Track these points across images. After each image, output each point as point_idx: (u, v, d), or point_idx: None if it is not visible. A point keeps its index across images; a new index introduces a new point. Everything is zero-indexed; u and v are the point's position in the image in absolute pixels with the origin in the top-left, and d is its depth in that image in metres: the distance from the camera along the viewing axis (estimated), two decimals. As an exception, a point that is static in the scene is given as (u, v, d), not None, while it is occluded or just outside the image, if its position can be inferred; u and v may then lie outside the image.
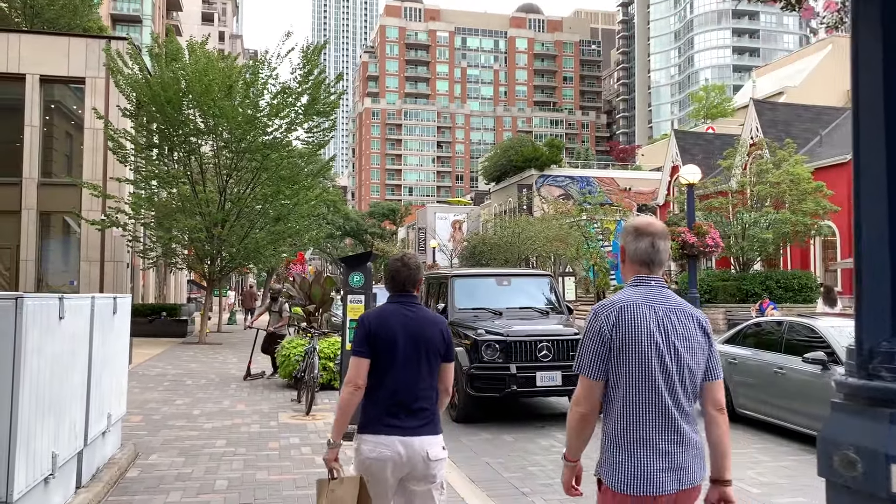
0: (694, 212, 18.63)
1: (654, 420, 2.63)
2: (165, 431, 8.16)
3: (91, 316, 5.41)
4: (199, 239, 20.13)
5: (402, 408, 3.37)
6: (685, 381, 2.68)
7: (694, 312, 2.75)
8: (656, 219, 2.96)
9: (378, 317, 3.47)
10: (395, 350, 3.38)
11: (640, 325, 2.63)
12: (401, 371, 3.38)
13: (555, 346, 9.22)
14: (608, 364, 2.64)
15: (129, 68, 20.24)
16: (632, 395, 2.63)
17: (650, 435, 2.62)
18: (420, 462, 3.34)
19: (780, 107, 31.69)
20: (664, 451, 2.62)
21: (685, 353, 2.67)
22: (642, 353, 2.61)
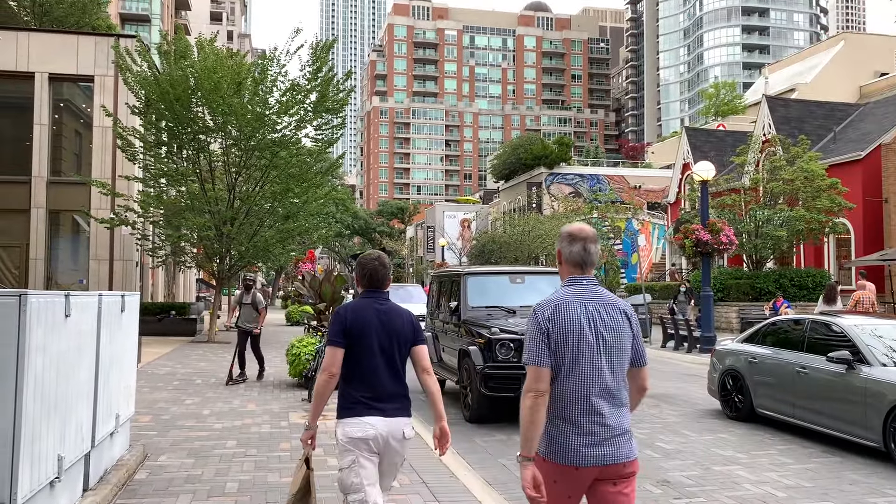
0: (708, 209, 18.39)
1: (582, 402, 2.95)
2: (175, 432, 8.03)
3: (98, 314, 5.26)
4: (208, 237, 20.03)
5: (376, 393, 3.68)
6: (613, 367, 3.01)
7: (620, 305, 3.09)
8: (587, 225, 3.32)
9: (353, 311, 3.77)
10: (369, 340, 3.71)
11: (572, 320, 2.98)
12: (375, 359, 3.71)
13: (570, 345, 9.03)
14: (550, 353, 2.96)
15: (138, 66, 20.14)
16: (564, 380, 2.96)
17: (579, 415, 2.95)
18: (398, 441, 3.69)
19: (792, 103, 31.35)
20: (590, 430, 2.94)
21: (612, 342, 3.02)
22: (574, 344, 2.95)
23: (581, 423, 2.94)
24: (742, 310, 23.37)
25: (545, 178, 49.63)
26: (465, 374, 9.54)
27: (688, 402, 11.13)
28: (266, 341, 21.39)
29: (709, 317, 17.70)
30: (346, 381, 3.74)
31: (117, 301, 5.86)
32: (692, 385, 13.09)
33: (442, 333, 11.39)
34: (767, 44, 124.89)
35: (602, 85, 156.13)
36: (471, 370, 9.21)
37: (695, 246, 17.65)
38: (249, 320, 12.54)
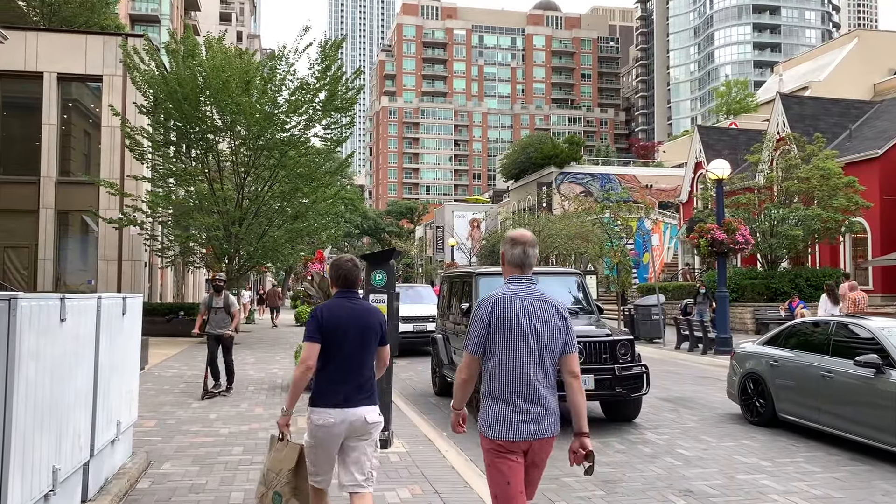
0: (723, 208, 18.05)
1: (515, 383, 3.43)
2: (179, 437, 7.81)
3: (97, 317, 5.04)
4: (217, 237, 19.85)
5: (347, 383, 4.12)
6: (543, 354, 3.46)
7: (553, 301, 3.56)
8: (528, 230, 3.78)
9: (329, 310, 4.18)
10: (342, 337, 4.13)
11: (510, 312, 3.45)
12: (347, 353, 4.14)
13: (587, 349, 8.76)
14: (486, 342, 3.49)
15: (146, 65, 19.99)
16: (500, 364, 3.45)
17: (512, 395, 3.42)
18: (360, 424, 4.13)
19: (807, 101, 30.90)
20: (522, 408, 3.42)
21: (544, 333, 3.47)
22: (510, 333, 3.43)
23: (517, 402, 3.44)
24: (757, 310, 23.01)
25: (555, 178, 49.30)
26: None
27: (706, 406, 10.83)
28: (275, 342, 21.27)
29: (724, 318, 17.38)
30: (319, 373, 4.14)
31: (118, 303, 5.63)
32: (709, 388, 12.80)
33: (453, 335, 11.14)
34: (779, 42, 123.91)
35: (612, 84, 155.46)
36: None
37: (710, 246, 17.32)
38: (221, 325, 11.10)
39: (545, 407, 3.47)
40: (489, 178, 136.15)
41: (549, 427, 3.50)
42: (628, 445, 8.08)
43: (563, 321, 3.54)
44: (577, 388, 3.55)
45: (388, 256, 7.69)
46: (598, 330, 9.16)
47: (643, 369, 9.04)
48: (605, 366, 8.75)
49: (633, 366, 8.96)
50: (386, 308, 7.51)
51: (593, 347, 8.81)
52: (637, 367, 9.00)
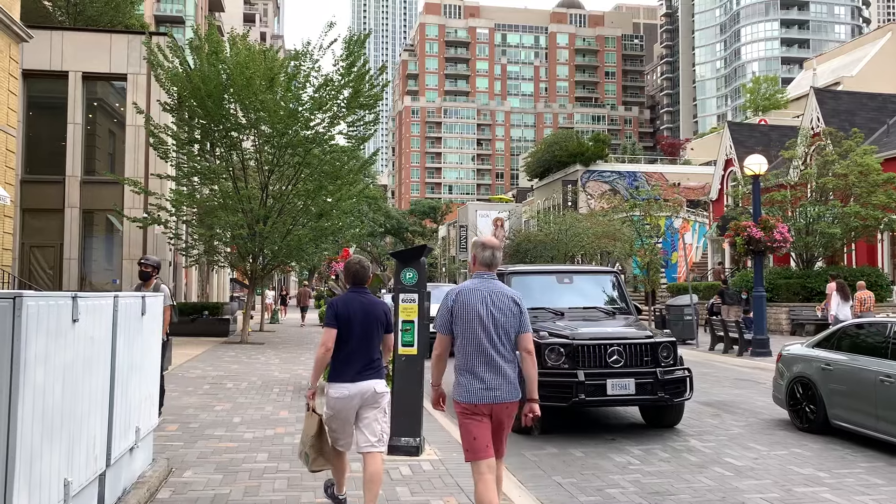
0: (760, 205, 17.46)
1: (477, 358, 4.23)
2: (202, 443, 7.49)
3: (114, 317, 4.72)
4: (241, 236, 19.62)
5: (358, 363, 4.95)
6: (500, 334, 4.26)
7: (508, 292, 4.37)
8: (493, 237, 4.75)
9: (343, 302, 5.06)
10: (354, 324, 4.96)
11: (471, 302, 4.26)
12: (357, 339, 4.97)
13: (627, 351, 8.32)
14: (452, 325, 4.31)
15: (170, 62, 19.80)
16: (465, 344, 4.26)
17: (475, 367, 4.23)
18: (370, 395, 4.95)
19: (842, 95, 30.05)
20: (483, 377, 4.20)
21: (500, 317, 4.27)
22: (469, 318, 4.25)
23: (480, 374, 4.24)
24: (792, 310, 22.35)
25: (581, 176, 48.63)
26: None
27: (749, 410, 10.33)
28: (300, 342, 21.00)
29: (762, 318, 16.81)
30: (335, 354, 4.97)
31: (136, 303, 5.32)
32: (749, 391, 12.28)
33: (484, 336, 10.75)
34: (807, 38, 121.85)
35: (636, 82, 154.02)
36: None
37: (746, 244, 16.75)
38: None
39: (504, 377, 4.28)
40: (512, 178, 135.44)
41: (509, 394, 4.30)
42: (672, 453, 7.64)
43: (518, 307, 4.39)
44: (531, 363, 4.40)
45: (419, 253, 7.32)
46: (637, 331, 8.72)
47: (686, 373, 8.58)
48: (647, 369, 8.30)
49: (675, 369, 8.51)
50: (417, 308, 7.14)
51: (633, 350, 8.36)
52: (680, 370, 8.55)
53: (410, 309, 7.14)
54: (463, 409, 4.28)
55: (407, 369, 7.10)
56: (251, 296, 22.36)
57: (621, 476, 6.73)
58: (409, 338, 7.13)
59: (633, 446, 7.97)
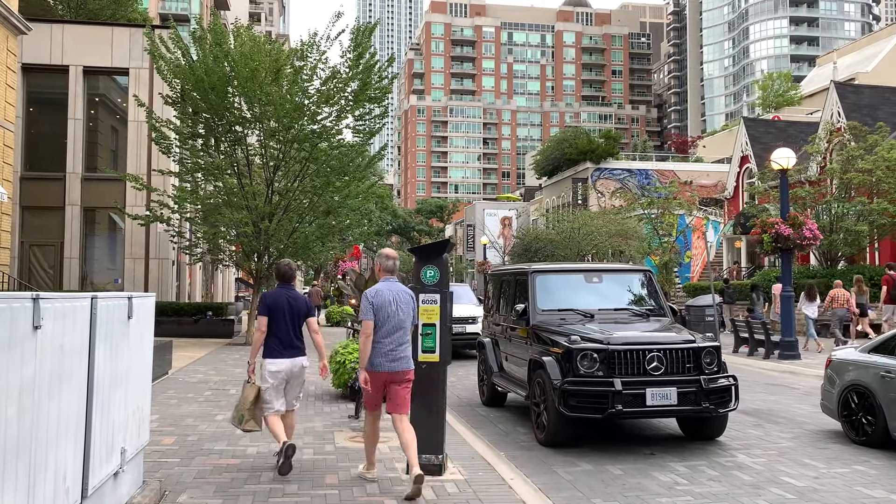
0: (788, 200, 16.69)
1: (387, 340, 5.87)
2: (201, 459, 6.77)
3: (91, 322, 4.00)
4: (246, 234, 18.91)
5: (287, 343, 6.37)
6: (403, 324, 5.93)
7: (407, 290, 6.06)
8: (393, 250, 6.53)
9: (273, 297, 6.44)
10: (283, 314, 6.35)
11: (384, 299, 5.90)
12: (285, 325, 6.36)
13: (667, 357, 7.58)
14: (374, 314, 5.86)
15: (171, 53, 19.10)
16: (380, 330, 5.86)
17: (385, 346, 5.86)
18: (298, 369, 6.44)
19: (864, 90, 29.19)
20: (389, 353, 5.86)
21: (401, 311, 5.93)
22: (383, 311, 5.87)
23: (386, 351, 5.83)
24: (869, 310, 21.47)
25: (591, 174, 47.80)
26: (537, 388, 8.14)
27: (791, 420, 9.57)
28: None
29: (790, 319, 16.03)
30: (269, 337, 6.33)
31: (121, 305, 4.59)
32: (785, 398, 11.52)
33: (504, 339, 10.01)
34: (817, 35, 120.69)
35: (643, 80, 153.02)
36: (545, 385, 7.81)
37: (774, 241, 15.96)
38: None
39: (404, 352, 5.90)
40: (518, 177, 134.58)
41: (405, 364, 5.90)
42: (721, 471, 6.89)
43: (413, 301, 6.05)
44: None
45: (441, 249, 6.58)
46: (678, 335, 7.97)
47: (732, 381, 7.83)
48: (689, 377, 7.55)
49: (720, 377, 7.76)
50: (439, 310, 6.41)
51: (674, 356, 7.61)
52: (724, 378, 7.80)
53: (432, 311, 6.41)
54: (373, 376, 5.86)
55: (428, 378, 6.37)
56: (255, 295, 21.65)
57: (670, 499, 5.99)
58: (430, 343, 6.40)
59: (676, 462, 7.23)
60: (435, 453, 6.31)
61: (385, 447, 7.37)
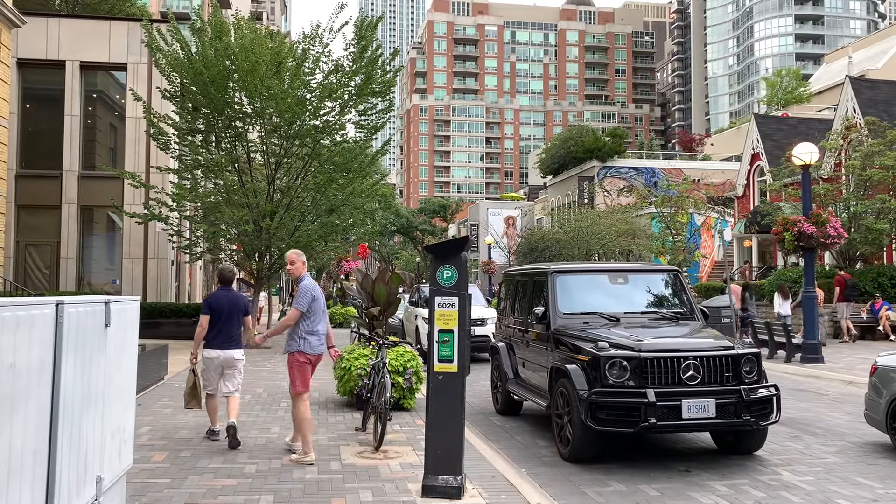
0: (810, 197, 16.03)
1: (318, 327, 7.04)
2: (194, 479, 6.13)
3: (56, 333, 3.37)
4: (247, 232, 18.28)
5: (224, 337, 7.55)
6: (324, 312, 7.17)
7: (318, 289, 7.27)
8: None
9: (215, 297, 7.65)
10: (222, 312, 7.53)
11: (315, 292, 7.05)
12: (224, 322, 7.54)
13: (704, 365, 6.93)
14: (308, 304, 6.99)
15: (169, 45, 18.48)
16: (311, 317, 6.98)
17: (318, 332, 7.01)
18: (230, 359, 7.61)
19: (880, 85, 28.50)
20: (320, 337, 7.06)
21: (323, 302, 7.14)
22: (314, 302, 6.95)
23: (319, 336, 7.08)
24: (834, 312, 20.86)
25: (597, 172, 47.11)
26: (560, 399, 7.50)
27: (830, 430, 8.92)
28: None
29: (813, 321, 15.37)
30: (210, 331, 7.48)
31: (96, 312, 3.96)
32: (816, 405, 10.87)
33: (521, 344, 9.37)
34: (822, 33, 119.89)
35: (647, 79, 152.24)
36: (570, 395, 7.17)
37: (796, 240, 15.31)
38: None
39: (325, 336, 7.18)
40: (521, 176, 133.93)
41: (324, 347, 7.20)
42: (767, 491, 6.25)
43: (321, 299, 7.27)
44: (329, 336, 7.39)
45: (460, 247, 5.93)
46: (715, 341, 7.33)
47: (773, 390, 7.19)
48: (729, 387, 6.91)
49: (760, 387, 7.12)
50: (457, 315, 5.77)
51: (712, 364, 6.96)
52: (765, 387, 7.16)
53: (449, 316, 5.78)
54: (306, 359, 6.96)
55: (444, 391, 5.73)
56: (256, 297, 21.02)
57: None
58: (447, 351, 5.76)
59: (716, 480, 6.58)
60: (453, 474, 5.68)
61: (396, 464, 6.74)
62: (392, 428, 8.07)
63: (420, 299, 18.10)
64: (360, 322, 10.81)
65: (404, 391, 9.45)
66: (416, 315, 17.37)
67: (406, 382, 9.39)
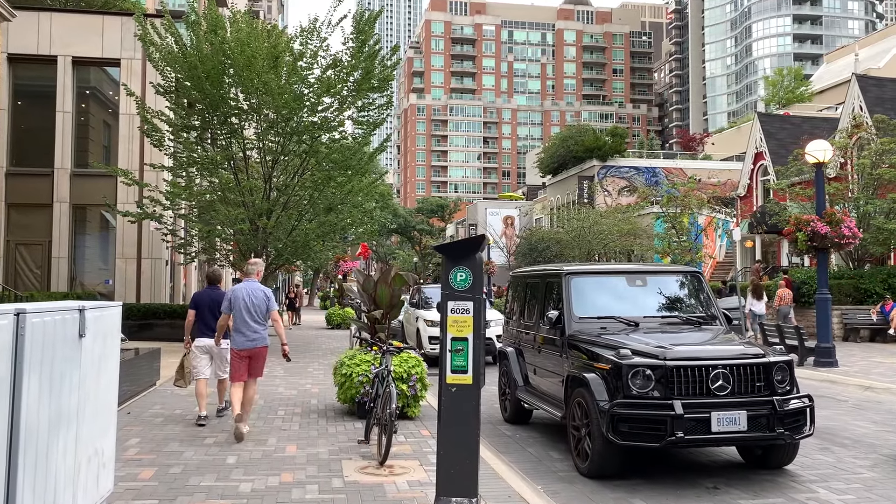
0: (824, 196, 15.58)
1: (243, 325, 8.05)
2: (184, 500, 5.62)
3: (16, 347, 2.86)
4: (243, 231, 17.76)
5: (207, 328, 8.73)
6: (256, 311, 8.04)
7: (262, 289, 8.23)
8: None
9: (200, 295, 9.12)
10: (206, 306, 8.81)
11: (239, 294, 8.07)
12: (207, 313, 8.76)
13: (735, 374, 6.44)
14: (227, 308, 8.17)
15: (162, 38, 17.95)
16: (238, 317, 8.07)
17: (242, 330, 8.05)
18: (215, 349, 8.81)
19: (886, 83, 28.05)
20: (247, 335, 8.04)
21: (252, 303, 8.03)
22: (238, 303, 8.04)
23: (244, 332, 8.00)
24: (844, 314, 20.45)
25: (597, 172, 46.66)
26: (577, 410, 7.00)
27: (859, 441, 8.44)
28: (306, 349, 19.08)
29: (827, 324, 14.93)
30: (196, 323, 8.87)
31: (68, 321, 3.45)
32: (838, 412, 10.39)
33: (531, 350, 8.88)
34: (820, 34, 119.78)
35: (644, 79, 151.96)
36: (588, 406, 6.68)
37: (809, 240, 14.85)
38: None
39: (258, 334, 8.09)
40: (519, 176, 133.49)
41: (259, 342, 8.12)
42: None
43: (265, 296, 8.18)
44: (279, 323, 8.38)
45: (475, 247, 5.43)
46: (745, 348, 6.83)
47: (807, 401, 6.70)
48: (761, 398, 6.42)
49: (793, 397, 6.63)
50: (472, 321, 5.28)
51: (743, 373, 6.47)
52: (798, 398, 6.67)
53: (463, 322, 5.28)
54: (236, 353, 8.03)
55: (458, 405, 5.23)
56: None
57: None
58: (461, 361, 5.26)
59: (748, 499, 6.09)
60: (468, 496, 5.18)
61: (403, 482, 6.23)
62: (397, 439, 7.56)
63: (421, 300, 17.61)
64: (361, 325, 10.31)
65: (409, 399, 8.95)
66: (418, 317, 16.88)
67: (410, 390, 8.90)
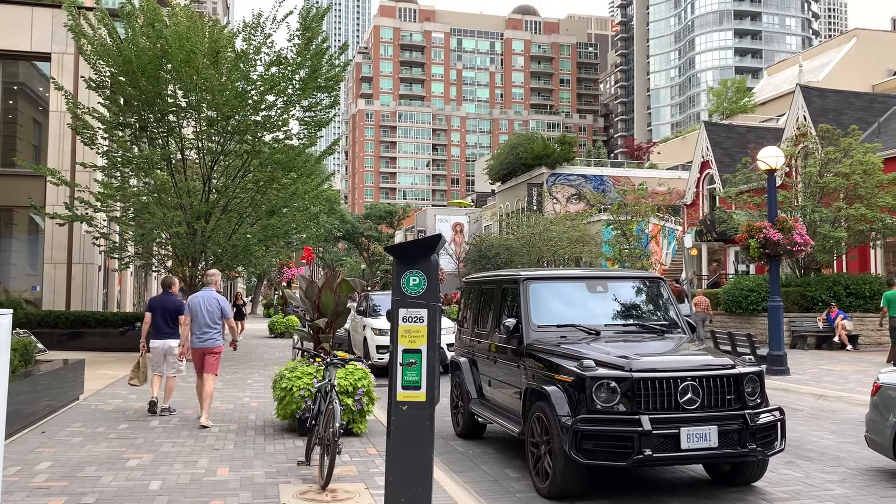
0: (776, 204, 15.51)
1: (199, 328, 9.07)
2: (92, 537, 4.91)
3: None
4: (179, 235, 16.85)
5: (161, 331, 9.67)
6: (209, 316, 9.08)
7: (217, 297, 9.25)
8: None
9: (153, 299, 9.94)
10: (160, 310, 9.70)
11: (197, 301, 9.14)
12: (160, 318, 9.67)
13: (704, 387, 6.03)
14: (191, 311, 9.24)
15: (95, 30, 16.95)
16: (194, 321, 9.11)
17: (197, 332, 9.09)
18: (169, 348, 9.69)
19: (829, 94, 28.62)
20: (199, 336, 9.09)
21: (207, 309, 9.08)
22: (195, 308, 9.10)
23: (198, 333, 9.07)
24: (792, 322, 20.54)
25: (546, 179, 46.66)
26: (536, 425, 6.50)
27: (824, 454, 8.15)
28: (245, 358, 18.19)
29: (778, 332, 14.80)
30: (153, 325, 9.69)
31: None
32: (798, 423, 10.13)
33: (486, 360, 8.37)
34: (760, 48, 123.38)
35: (591, 90, 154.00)
36: (549, 422, 6.18)
37: (762, 247, 14.75)
38: None
39: (209, 335, 9.04)
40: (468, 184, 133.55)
41: (210, 342, 9.04)
42: None
43: (219, 304, 9.12)
44: (232, 326, 9.50)
45: (430, 248, 4.88)
46: (714, 358, 6.43)
47: (778, 415, 6.33)
48: (732, 411, 6.02)
49: (764, 411, 6.26)
50: (425, 331, 4.72)
51: (713, 385, 6.06)
52: (768, 412, 6.29)
53: (416, 332, 4.72)
54: (192, 351, 9.11)
55: (410, 425, 4.67)
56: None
57: None
58: (413, 375, 4.71)
59: (719, 522, 5.67)
60: None
61: None
62: (341, 459, 6.94)
63: (369, 308, 16.97)
64: (304, 335, 9.65)
65: (354, 414, 8.32)
66: (365, 325, 16.23)
67: (356, 404, 8.28)
